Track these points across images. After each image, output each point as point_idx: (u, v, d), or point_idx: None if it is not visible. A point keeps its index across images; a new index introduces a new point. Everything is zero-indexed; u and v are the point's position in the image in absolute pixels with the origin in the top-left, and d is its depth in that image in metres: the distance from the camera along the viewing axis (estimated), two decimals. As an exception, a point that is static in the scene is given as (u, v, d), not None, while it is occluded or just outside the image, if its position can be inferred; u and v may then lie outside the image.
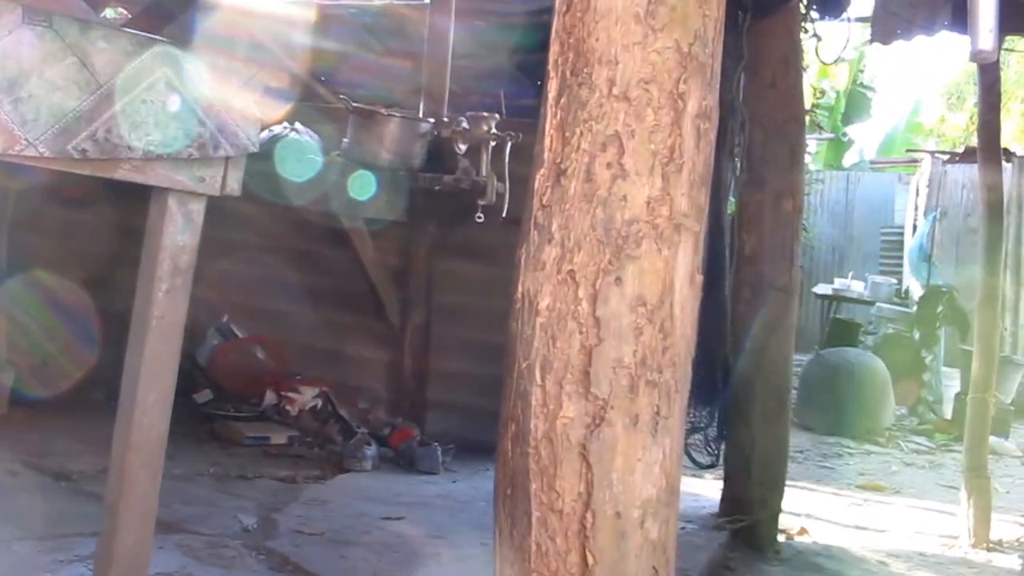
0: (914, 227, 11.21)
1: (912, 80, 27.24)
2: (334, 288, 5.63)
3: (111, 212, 4.90)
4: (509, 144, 3.68)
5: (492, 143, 3.69)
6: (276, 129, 3.88)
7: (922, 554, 4.38)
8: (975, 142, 5.22)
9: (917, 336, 8.53)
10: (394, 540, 3.68)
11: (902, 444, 7.24)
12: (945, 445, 7.23)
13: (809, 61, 5.12)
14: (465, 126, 3.75)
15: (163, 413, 1.92)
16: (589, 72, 1.57)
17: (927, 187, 10.80)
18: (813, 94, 12.37)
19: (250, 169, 2.09)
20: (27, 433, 4.32)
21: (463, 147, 3.72)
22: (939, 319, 8.40)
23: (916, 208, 11.27)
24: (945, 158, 10.91)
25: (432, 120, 3.89)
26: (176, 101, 1.83)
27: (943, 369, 8.41)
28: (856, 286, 10.35)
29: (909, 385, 8.15)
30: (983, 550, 4.43)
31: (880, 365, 7.72)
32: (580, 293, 1.55)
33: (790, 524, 4.42)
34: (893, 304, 9.87)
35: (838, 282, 10.62)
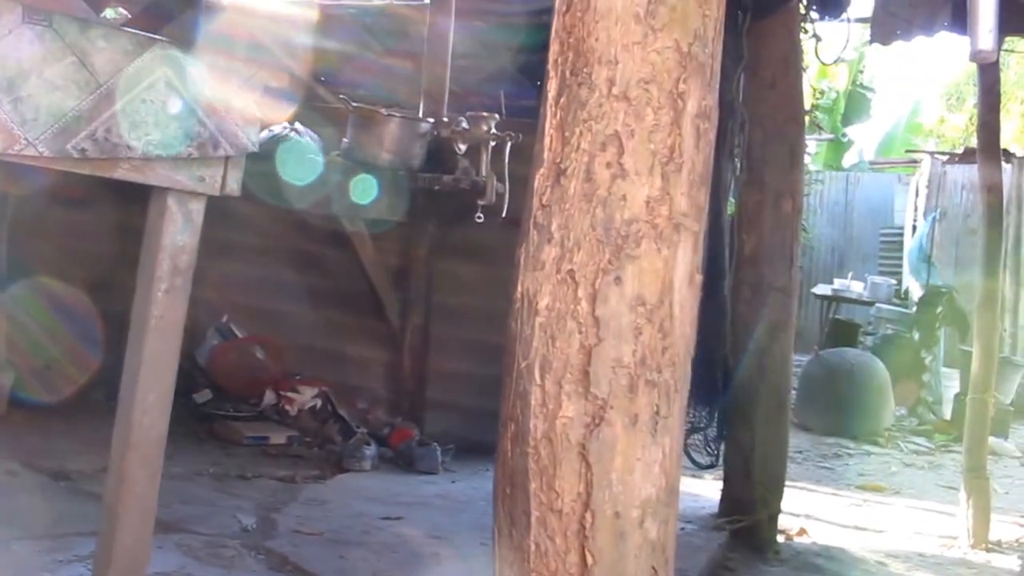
0: (913, 228, 11.22)
1: (912, 81, 27.26)
2: (334, 288, 5.64)
3: (113, 212, 4.90)
4: (509, 144, 3.67)
5: (492, 143, 3.68)
6: (276, 129, 3.88)
7: (921, 555, 4.38)
8: (975, 143, 5.23)
9: (916, 337, 8.53)
10: (393, 540, 3.68)
11: (901, 445, 7.24)
12: (944, 446, 7.23)
13: (809, 61, 5.12)
14: (465, 126, 3.75)
15: (162, 413, 1.92)
16: (589, 72, 1.57)
17: (927, 188, 10.80)
18: (813, 94, 12.37)
19: (250, 170, 2.09)
20: (26, 433, 4.32)
21: (463, 147, 3.71)
22: (938, 320, 8.40)
23: (916, 209, 11.27)
24: (945, 159, 10.91)
25: (432, 120, 3.89)
26: (176, 101, 1.83)
27: (942, 370, 8.41)
28: (855, 287, 10.35)
29: (908, 386, 8.15)
30: (982, 551, 4.43)
31: (879, 366, 7.72)
32: (579, 293, 1.55)
33: (789, 525, 4.42)
34: (892, 305, 9.86)
35: (837, 283, 10.61)
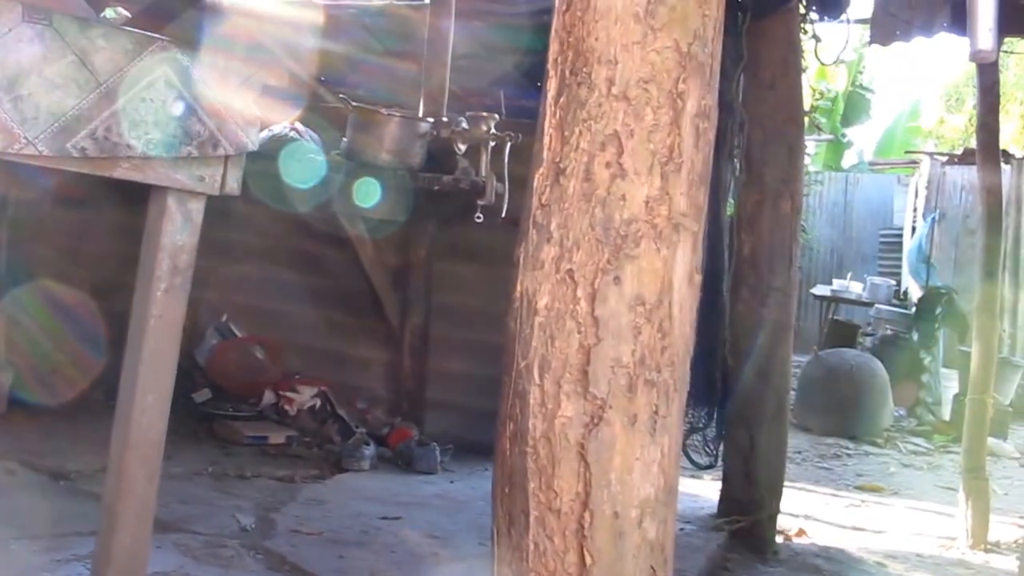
0: (913, 228, 11.21)
1: (911, 82, 27.27)
2: (333, 288, 5.64)
3: (114, 213, 4.89)
4: (509, 144, 3.67)
5: (492, 143, 3.67)
6: (276, 129, 3.88)
7: (920, 555, 4.38)
8: (974, 144, 5.22)
9: (916, 337, 8.53)
10: (392, 540, 3.68)
11: (900, 445, 7.24)
12: (943, 446, 7.22)
13: (808, 62, 5.12)
14: (465, 126, 3.74)
15: (161, 412, 1.92)
16: (588, 71, 1.57)
17: (926, 189, 10.80)
18: (812, 95, 12.38)
19: (251, 171, 2.09)
20: (25, 432, 4.32)
21: (462, 147, 3.70)
22: (938, 321, 8.40)
23: (915, 210, 11.26)
24: (944, 160, 10.91)
25: (431, 120, 3.88)
26: (176, 100, 1.83)
27: (942, 370, 8.40)
28: (855, 287, 10.35)
29: (907, 386, 8.15)
30: (981, 551, 4.43)
31: (878, 366, 7.72)
32: (579, 292, 1.55)
33: (788, 525, 4.42)
34: (892, 306, 9.86)
35: (837, 283, 10.61)
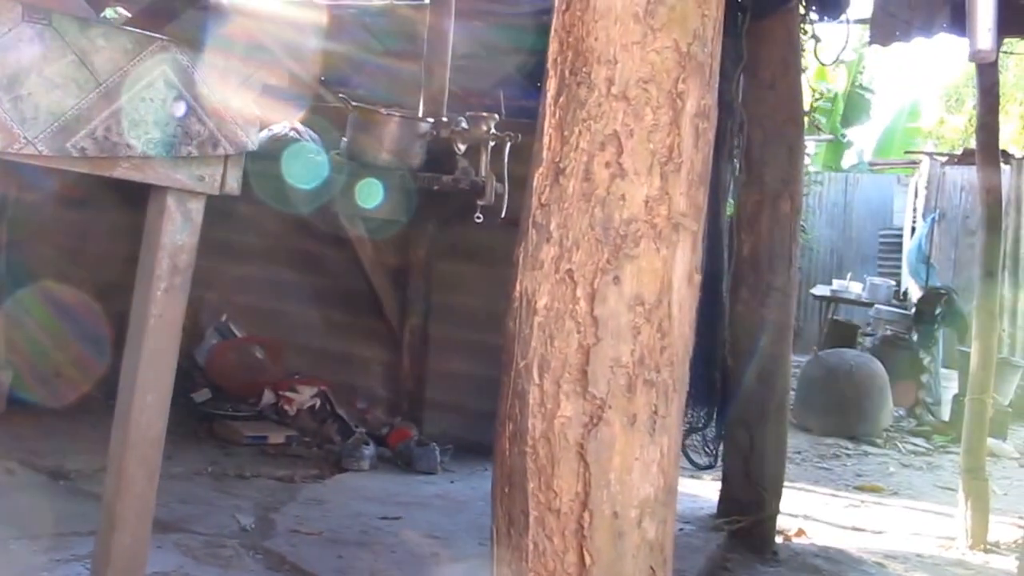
0: (912, 229, 11.21)
1: (911, 82, 27.28)
2: (333, 288, 5.64)
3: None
4: (508, 144, 3.67)
5: (491, 143, 3.68)
6: (276, 129, 3.88)
7: (919, 555, 4.38)
8: (974, 144, 5.22)
9: (915, 338, 8.53)
10: (391, 540, 3.68)
11: (900, 445, 7.24)
12: (943, 447, 7.22)
13: (808, 62, 5.12)
14: (464, 126, 3.75)
15: (161, 412, 1.92)
16: (588, 71, 1.57)
17: (925, 189, 10.80)
18: (812, 95, 12.37)
19: (252, 170, 2.09)
20: (25, 432, 4.32)
21: (462, 147, 3.71)
22: (937, 321, 8.39)
23: (915, 210, 11.27)
24: (944, 160, 10.91)
25: (431, 120, 3.89)
26: (175, 100, 1.83)
27: (941, 371, 8.41)
28: (854, 288, 10.35)
29: (907, 386, 8.15)
30: (980, 552, 4.43)
31: (878, 366, 7.72)
32: (578, 292, 1.55)
33: (788, 525, 4.42)
34: (891, 306, 9.86)
35: (836, 283, 10.61)
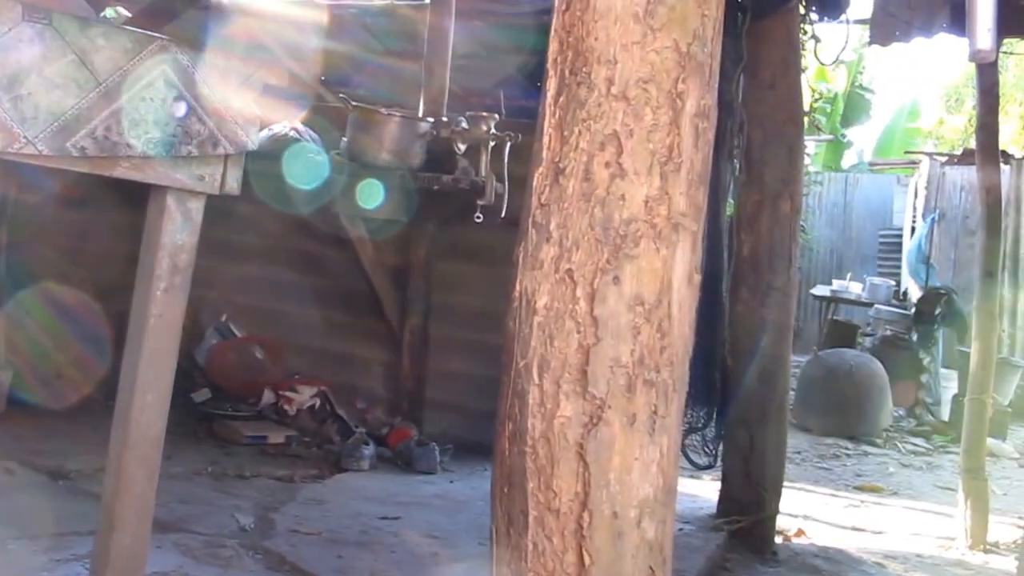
0: (912, 229, 11.21)
1: (911, 82, 27.29)
2: (333, 288, 5.64)
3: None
4: (508, 144, 3.67)
5: (491, 143, 3.68)
6: (275, 128, 3.88)
7: (919, 556, 4.38)
8: (973, 144, 5.23)
9: (915, 338, 8.53)
10: (391, 540, 3.68)
11: (899, 445, 7.24)
12: (942, 447, 7.22)
13: (808, 62, 5.12)
14: (464, 126, 3.75)
15: (161, 412, 1.92)
16: (588, 71, 1.57)
17: (925, 189, 10.80)
18: (812, 95, 12.38)
19: (253, 170, 2.09)
20: (25, 431, 4.32)
21: (462, 147, 3.71)
22: (937, 321, 8.40)
23: (914, 210, 11.27)
24: (944, 160, 10.91)
25: (431, 120, 3.89)
26: (175, 99, 1.83)
27: (941, 371, 8.41)
28: (854, 288, 10.36)
29: (907, 387, 8.15)
30: (980, 552, 4.43)
31: (878, 367, 7.72)
32: (578, 292, 1.55)
33: (787, 525, 4.42)
34: (891, 306, 9.86)
35: (836, 284, 10.62)
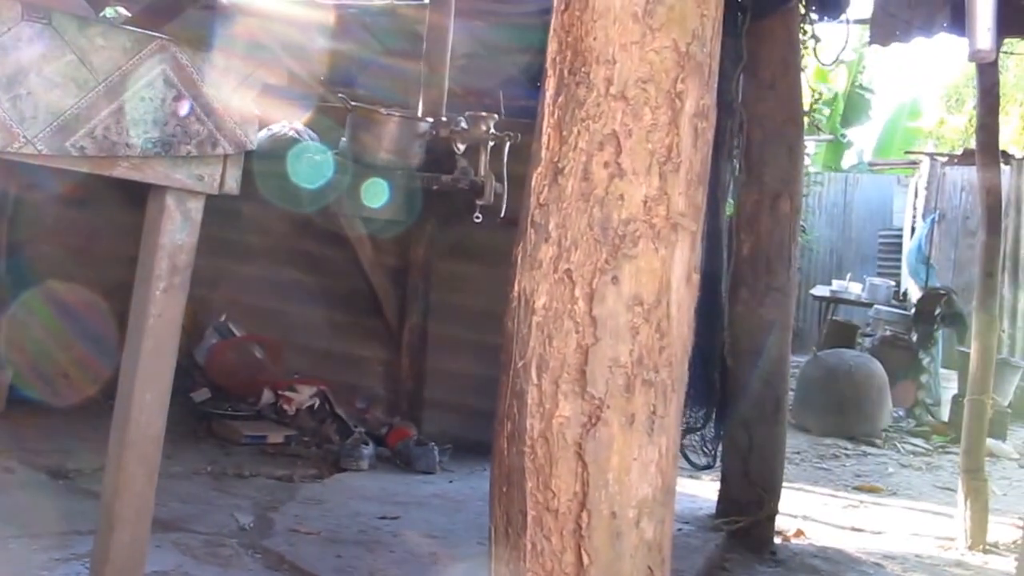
0: (912, 229, 11.21)
1: (911, 82, 27.29)
2: (332, 287, 5.64)
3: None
4: (508, 144, 3.67)
5: (491, 143, 3.68)
6: (275, 128, 3.87)
7: (918, 556, 4.38)
8: (974, 144, 5.23)
9: (915, 338, 8.53)
10: (390, 539, 3.68)
11: (899, 446, 7.24)
12: (942, 447, 7.22)
13: (808, 62, 5.12)
14: (464, 126, 3.75)
15: (160, 411, 1.92)
16: (587, 71, 1.57)
17: (925, 189, 10.80)
18: (812, 95, 12.37)
19: (254, 169, 2.09)
20: (25, 430, 4.32)
21: (461, 147, 3.71)
22: (937, 321, 8.40)
23: (915, 210, 11.26)
24: (944, 160, 10.91)
25: (430, 120, 3.88)
26: (175, 99, 1.83)
27: (941, 371, 8.41)
28: (854, 288, 10.35)
29: (906, 387, 8.15)
30: (980, 552, 4.43)
31: (877, 367, 7.72)
32: (577, 292, 1.55)
33: (786, 526, 4.42)
34: (891, 306, 9.86)
35: (836, 284, 10.61)
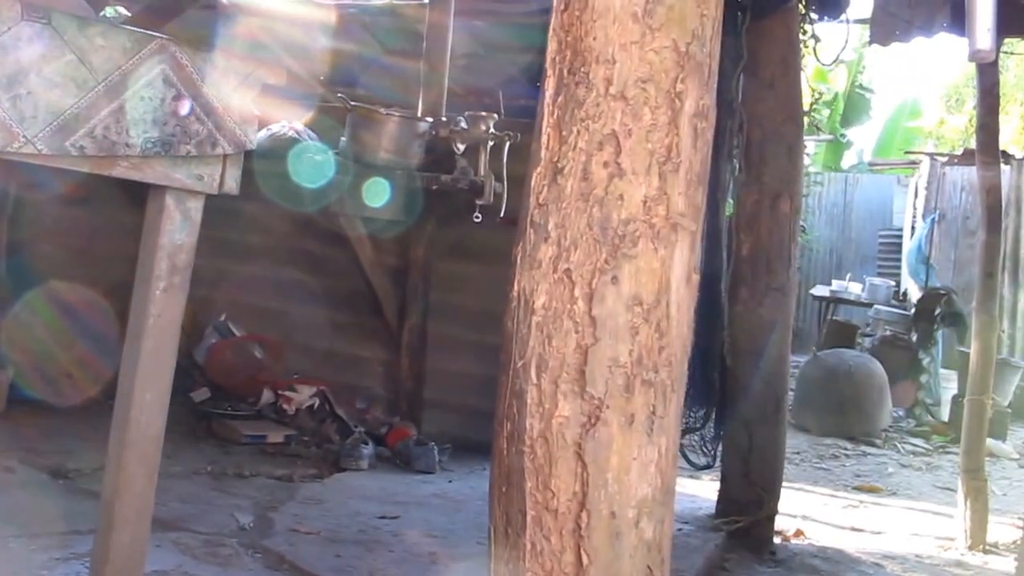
0: (912, 229, 11.21)
1: (911, 82, 27.29)
2: (332, 287, 5.64)
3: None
4: (507, 144, 3.67)
5: (490, 143, 3.68)
6: (274, 128, 3.88)
7: (918, 556, 4.38)
8: (974, 144, 5.23)
9: (915, 338, 8.53)
10: (389, 539, 3.68)
11: (899, 446, 7.24)
12: (942, 447, 7.22)
13: (807, 62, 5.12)
14: (463, 126, 3.75)
15: (160, 411, 1.92)
16: (586, 71, 1.57)
17: (925, 189, 10.80)
18: (812, 95, 12.37)
19: (255, 169, 2.09)
20: (25, 430, 4.33)
21: (461, 147, 3.71)
22: (937, 321, 8.39)
23: (915, 210, 11.26)
24: (944, 160, 10.91)
25: (430, 120, 3.88)
26: (174, 99, 1.83)
27: (940, 371, 8.41)
28: (854, 288, 10.36)
29: (906, 387, 8.15)
30: (979, 552, 4.43)
31: (877, 367, 7.72)
32: (576, 292, 1.55)
33: (786, 526, 4.42)
34: (891, 306, 9.86)
35: (836, 284, 10.62)
